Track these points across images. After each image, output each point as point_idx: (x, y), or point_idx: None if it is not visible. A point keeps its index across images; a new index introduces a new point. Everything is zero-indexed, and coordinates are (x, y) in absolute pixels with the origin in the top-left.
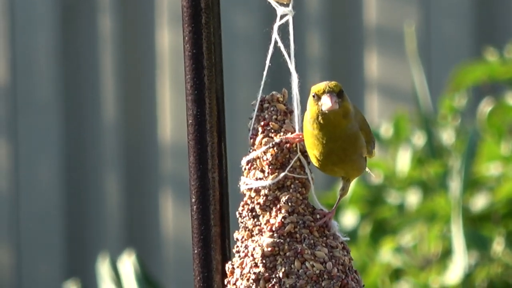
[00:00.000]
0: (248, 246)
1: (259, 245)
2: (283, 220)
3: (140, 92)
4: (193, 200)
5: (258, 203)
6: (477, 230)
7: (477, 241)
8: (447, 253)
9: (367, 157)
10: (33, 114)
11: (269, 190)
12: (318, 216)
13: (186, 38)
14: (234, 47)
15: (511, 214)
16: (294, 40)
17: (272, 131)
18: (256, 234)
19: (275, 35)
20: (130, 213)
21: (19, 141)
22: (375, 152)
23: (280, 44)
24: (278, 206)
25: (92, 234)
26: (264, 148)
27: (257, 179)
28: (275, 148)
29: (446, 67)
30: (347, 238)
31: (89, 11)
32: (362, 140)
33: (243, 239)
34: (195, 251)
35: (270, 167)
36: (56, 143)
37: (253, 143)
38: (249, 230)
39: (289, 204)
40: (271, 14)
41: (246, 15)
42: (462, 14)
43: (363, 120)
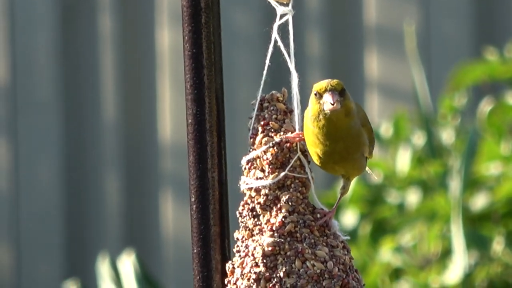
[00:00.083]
0: (249, 246)
1: (260, 245)
2: (284, 220)
3: (140, 92)
4: (193, 200)
5: (259, 203)
6: (477, 230)
7: (477, 241)
8: (447, 253)
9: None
10: (33, 114)
11: (270, 190)
12: (319, 216)
13: (186, 38)
14: (234, 47)
15: (511, 214)
16: (294, 40)
17: (272, 131)
18: (257, 234)
19: (275, 35)
20: (130, 213)
21: (19, 141)
22: (373, 153)
23: (280, 44)
24: (279, 206)
25: (92, 234)
26: (264, 148)
27: (257, 179)
28: (275, 148)
29: (446, 67)
30: (348, 237)
31: (89, 11)
32: (365, 138)
33: (244, 239)
34: (195, 251)
35: (270, 167)
36: (56, 143)
37: (253, 143)
38: (250, 230)
39: (290, 204)
40: (271, 14)
41: (246, 15)
42: (462, 14)
43: (365, 117)
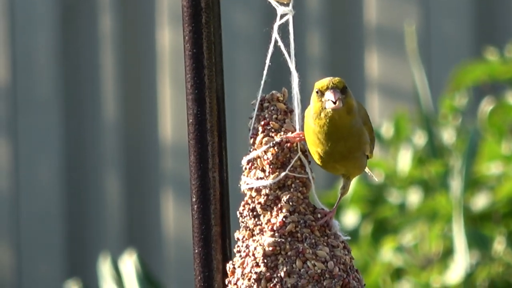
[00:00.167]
0: (249, 246)
1: (261, 245)
2: (284, 220)
3: (141, 92)
4: (194, 200)
5: (259, 203)
6: (478, 230)
7: (478, 241)
8: (448, 253)
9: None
10: (33, 114)
11: (270, 190)
12: (319, 216)
13: (187, 38)
14: (235, 47)
15: None
16: (294, 40)
17: (273, 131)
18: (257, 234)
19: (275, 35)
20: (131, 213)
21: (19, 141)
22: (374, 153)
23: (280, 44)
24: (279, 206)
25: (93, 234)
26: (265, 148)
27: (258, 179)
28: (276, 148)
29: (447, 67)
30: (348, 238)
31: (89, 11)
32: (366, 136)
33: (244, 239)
34: (196, 251)
35: (271, 167)
36: (56, 143)
37: (254, 143)
38: (250, 230)
39: (290, 204)
40: (271, 14)
41: (246, 15)
42: (462, 14)
43: (366, 116)
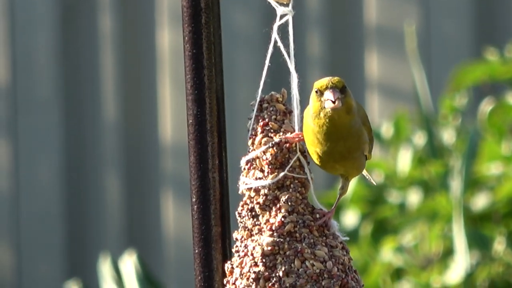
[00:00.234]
0: (248, 246)
1: (259, 244)
2: (283, 220)
3: (140, 92)
4: (194, 200)
5: (258, 203)
6: (478, 230)
7: (478, 241)
8: (448, 253)
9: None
10: (33, 114)
11: (269, 190)
12: (318, 216)
13: (186, 38)
14: (234, 47)
15: None
16: (294, 40)
17: (272, 131)
18: (256, 234)
19: (275, 35)
20: (131, 213)
21: (19, 141)
22: (374, 153)
23: (280, 44)
24: (278, 206)
25: (93, 234)
26: (264, 148)
27: (257, 179)
28: (275, 148)
29: (446, 67)
30: (346, 238)
31: (89, 11)
32: (365, 136)
33: (243, 239)
34: (196, 251)
35: (270, 167)
36: (56, 143)
37: (253, 143)
38: (249, 230)
39: (289, 204)
40: (271, 14)
41: (246, 15)
42: (462, 14)
43: (365, 116)
